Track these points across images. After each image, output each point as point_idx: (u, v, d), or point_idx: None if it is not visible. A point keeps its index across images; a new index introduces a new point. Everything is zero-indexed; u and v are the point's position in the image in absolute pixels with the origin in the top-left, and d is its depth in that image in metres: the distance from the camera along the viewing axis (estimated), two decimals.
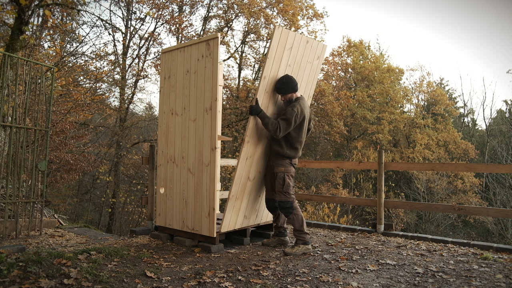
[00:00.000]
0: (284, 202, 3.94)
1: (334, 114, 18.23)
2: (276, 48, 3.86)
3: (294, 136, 3.97)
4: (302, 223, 3.93)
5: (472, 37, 41.44)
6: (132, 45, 15.23)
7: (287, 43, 3.96)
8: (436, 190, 17.22)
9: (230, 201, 3.96)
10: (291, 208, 3.93)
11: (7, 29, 7.04)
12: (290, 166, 4.02)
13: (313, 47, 4.35)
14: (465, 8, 39.71)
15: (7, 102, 4.75)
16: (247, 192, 4.17)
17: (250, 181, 4.16)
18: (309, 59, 4.35)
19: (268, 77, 3.92)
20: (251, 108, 3.83)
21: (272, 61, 3.89)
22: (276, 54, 3.89)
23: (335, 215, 11.03)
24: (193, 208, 4.11)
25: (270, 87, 3.99)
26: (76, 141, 10.74)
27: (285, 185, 3.94)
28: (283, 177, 3.95)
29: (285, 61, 4.03)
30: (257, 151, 4.11)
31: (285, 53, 3.98)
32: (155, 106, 22.05)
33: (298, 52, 4.15)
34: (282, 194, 3.95)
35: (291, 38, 3.99)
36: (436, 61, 40.84)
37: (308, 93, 4.60)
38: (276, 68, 3.97)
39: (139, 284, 2.86)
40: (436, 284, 3.00)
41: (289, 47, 4.01)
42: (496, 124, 23.65)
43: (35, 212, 5.05)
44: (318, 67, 4.58)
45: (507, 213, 4.57)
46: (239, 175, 3.97)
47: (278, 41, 3.86)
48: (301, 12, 17.19)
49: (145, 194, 12.68)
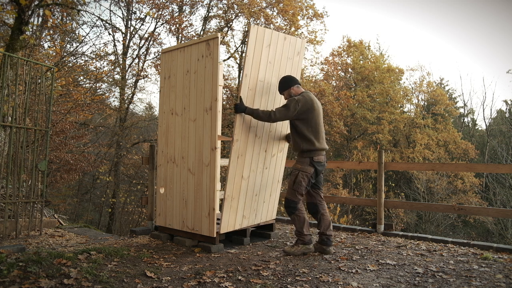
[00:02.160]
0: (289, 200, 3.89)
1: (334, 114, 18.24)
2: (254, 47, 3.91)
3: (303, 128, 3.85)
4: (303, 225, 3.89)
5: (472, 37, 41.48)
6: (132, 45, 15.24)
7: (264, 41, 4.02)
8: (436, 190, 17.22)
9: (226, 201, 3.95)
10: (294, 209, 3.89)
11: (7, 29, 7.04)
12: (309, 165, 3.87)
13: (291, 43, 4.40)
14: (465, 8, 39.73)
15: (7, 102, 4.75)
16: (243, 192, 4.16)
17: (245, 180, 4.15)
18: (289, 55, 4.41)
19: (249, 75, 3.96)
20: (236, 107, 3.85)
21: (252, 59, 3.93)
22: (255, 52, 3.94)
23: (335, 215, 11.04)
24: (193, 208, 4.11)
25: (253, 85, 4.02)
26: (76, 141, 10.74)
27: (296, 183, 3.86)
28: (297, 174, 3.88)
29: (265, 59, 4.07)
30: (249, 149, 4.11)
31: (263, 50, 4.04)
32: (155, 106, 22.07)
33: (277, 49, 4.20)
34: (291, 191, 3.89)
35: (268, 35, 4.05)
36: (436, 61, 40.87)
37: None
38: (256, 66, 4.00)
39: (139, 284, 2.86)
40: (436, 284, 3.00)
41: (267, 44, 4.06)
42: (496, 124, 23.66)
43: (35, 212, 5.05)
44: (300, 63, 4.63)
45: (507, 213, 4.57)
46: (232, 174, 3.97)
47: (255, 40, 3.91)
48: (301, 12, 17.19)
49: (145, 194, 12.69)
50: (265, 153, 4.36)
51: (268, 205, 4.61)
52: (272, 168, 4.53)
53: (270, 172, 4.51)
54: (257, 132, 4.18)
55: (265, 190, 4.50)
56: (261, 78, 4.12)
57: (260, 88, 4.13)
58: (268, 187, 4.52)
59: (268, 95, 4.27)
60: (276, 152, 4.52)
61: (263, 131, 4.26)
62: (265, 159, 4.39)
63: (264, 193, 4.49)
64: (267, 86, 4.22)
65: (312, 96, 3.97)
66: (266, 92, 4.24)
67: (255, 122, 4.12)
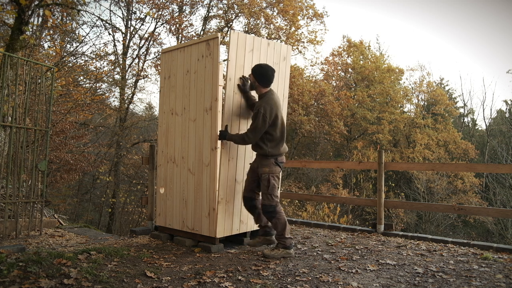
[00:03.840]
0: (267, 205, 3.80)
1: (334, 114, 18.26)
2: (236, 52, 3.94)
3: (272, 131, 3.80)
4: (284, 227, 3.79)
5: (472, 37, 41.47)
6: (132, 45, 15.24)
7: (246, 46, 4.05)
8: (436, 190, 17.22)
9: (220, 205, 3.91)
10: (274, 212, 3.79)
11: (7, 29, 7.04)
12: (275, 166, 3.86)
13: (276, 49, 4.43)
14: (465, 8, 39.73)
15: (7, 102, 4.75)
16: (238, 195, 4.14)
17: (239, 184, 4.13)
18: (275, 61, 4.42)
19: (233, 79, 3.95)
20: (220, 133, 3.86)
21: (235, 64, 3.94)
22: (238, 57, 3.97)
23: (335, 215, 11.02)
24: (193, 208, 4.11)
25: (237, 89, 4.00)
26: (76, 141, 10.74)
27: (270, 187, 3.79)
28: (268, 178, 3.80)
29: (249, 63, 4.09)
30: (240, 152, 4.10)
31: (247, 55, 4.07)
32: (155, 106, 22.07)
33: (260, 54, 4.23)
34: (266, 197, 3.80)
35: (250, 41, 4.09)
36: (436, 61, 40.88)
37: (283, 93, 4.62)
38: (240, 71, 4.01)
39: (139, 284, 2.86)
40: (436, 284, 3.00)
41: (249, 49, 4.09)
42: (496, 124, 23.65)
43: (35, 212, 5.05)
44: (287, 68, 4.64)
45: (507, 213, 4.57)
46: (224, 177, 3.93)
47: (237, 45, 3.94)
48: (301, 12, 17.20)
49: (145, 194, 12.68)
50: None
51: None
52: None
53: None
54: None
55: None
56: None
57: None
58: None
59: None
60: None
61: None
62: None
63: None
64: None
65: (275, 96, 3.88)
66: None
67: (245, 126, 4.10)
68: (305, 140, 21.18)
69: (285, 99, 4.61)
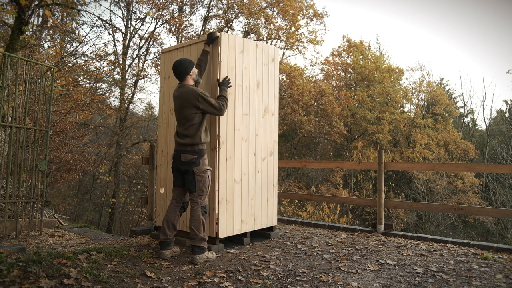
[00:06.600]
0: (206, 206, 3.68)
1: (334, 114, 18.23)
2: (227, 53, 4.06)
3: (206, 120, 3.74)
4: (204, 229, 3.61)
5: (472, 37, 41.46)
6: (132, 45, 15.22)
7: (236, 47, 4.17)
8: (436, 190, 17.22)
9: (221, 205, 3.95)
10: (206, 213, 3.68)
11: (7, 29, 7.04)
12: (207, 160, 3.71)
13: (265, 51, 4.57)
14: (465, 8, 39.73)
15: (7, 102, 4.75)
16: (237, 195, 4.16)
17: (237, 183, 4.16)
18: (264, 62, 4.56)
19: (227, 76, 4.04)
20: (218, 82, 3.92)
21: (227, 65, 4.05)
22: (229, 58, 4.08)
23: (335, 215, 11.03)
24: None
25: (232, 89, 4.05)
26: (76, 141, 10.74)
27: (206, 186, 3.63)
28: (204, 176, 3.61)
29: (240, 65, 4.20)
30: (237, 152, 4.14)
31: (237, 57, 4.18)
32: (155, 106, 22.06)
33: (250, 55, 4.36)
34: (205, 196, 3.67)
35: (239, 43, 4.22)
36: (436, 61, 40.85)
37: (273, 93, 4.71)
38: (232, 71, 4.10)
39: (139, 284, 2.86)
40: (436, 284, 3.00)
41: (240, 51, 4.21)
42: (496, 124, 23.65)
43: (35, 212, 5.05)
44: (276, 69, 4.76)
45: (507, 213, 4.57)
46: (223, 176, 3.99)
47: (228, 46, 4.06)
48: (301, 12, 17.20)
49: (145, 194, 12.68)
50: (254, 157, 4.37)
51: (267, 211, 4.59)
52: (265, 171, 4.54)
53: (263, 175, 4.51)
54: (243, 135, 4.22)
55: (261, 195, 4.49)
56: (239, 83, 4.20)
57: (239, 93, 4.20)
58: (263, 191, 4.52)
59: (249, 99, 4.32)
60: (266, 155, 4.55)
61: (249, 134, 4.30)
62: (256, 163, 4.40)
63: (260, 197, 4.48)
64: (246, 90, 4.28)
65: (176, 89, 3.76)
66: (247, 96, 4.29)
67: (240, 125, 4.16)
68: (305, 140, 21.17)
69: (275, 99, 4.74)
